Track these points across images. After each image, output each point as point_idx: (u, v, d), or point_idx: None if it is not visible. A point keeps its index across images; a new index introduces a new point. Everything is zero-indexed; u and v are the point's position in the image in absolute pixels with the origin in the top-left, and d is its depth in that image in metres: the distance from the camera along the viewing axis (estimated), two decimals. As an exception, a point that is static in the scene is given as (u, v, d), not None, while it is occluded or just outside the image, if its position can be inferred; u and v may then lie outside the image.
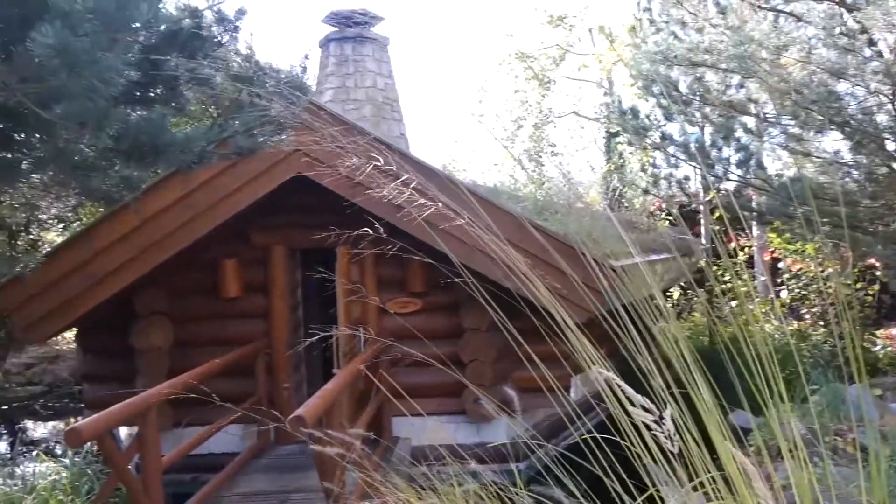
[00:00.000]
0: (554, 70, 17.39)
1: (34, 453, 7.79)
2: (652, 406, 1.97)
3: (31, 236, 14.02)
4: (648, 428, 1.92)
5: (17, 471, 6.05)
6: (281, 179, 6.52)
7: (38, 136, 2.44)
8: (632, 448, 2.22)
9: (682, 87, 6.85)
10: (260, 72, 3.31)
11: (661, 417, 1.90)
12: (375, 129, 8.84)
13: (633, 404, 2.02)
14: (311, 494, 5.40)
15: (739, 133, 6.79)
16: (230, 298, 7.25)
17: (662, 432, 1.91)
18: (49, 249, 7.47)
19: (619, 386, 2.08)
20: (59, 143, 2.35)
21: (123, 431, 7.50)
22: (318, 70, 9.69)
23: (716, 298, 9.21)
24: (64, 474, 5.35)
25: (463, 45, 39.12)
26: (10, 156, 2.53)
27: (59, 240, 12.48)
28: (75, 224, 14.31)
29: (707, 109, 7.13)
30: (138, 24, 2.16)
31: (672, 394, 2.20)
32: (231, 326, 7.29)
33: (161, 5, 2.81)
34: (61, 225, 13.97)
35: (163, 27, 2.43)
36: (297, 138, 5.92)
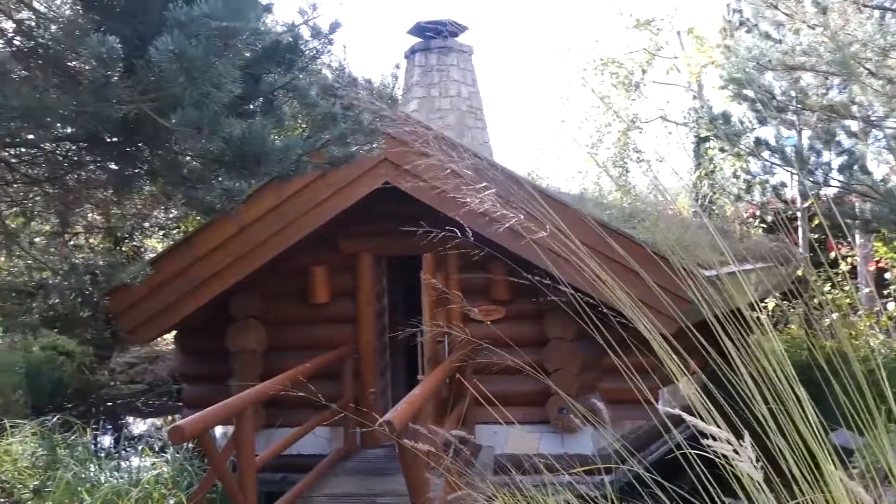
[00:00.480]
0: (640, 75, 17.07)
1: (139, 448, 8.21)
2: (730, 436, 1.89)
3: (135, 243, 14.88)
4: (725, 457, 1.85)
5: (123, 465, 6.40)
6: (369, 189, 6.68)
7: (152, 148, 2.61)
8: (725, 467, 2.15)
9: (777, 91, 6.59)
10: (352, 83, 3.41)
11: (741, 445, 1.82)
12: (459, 137, 8.92)
13: (706, 436, 1.95)
14: (397, 499, 5.47)
15: (841, 137, 6.47)
16: (319, 304, 7.46)
17: (742, 461, 1.83)
18: (153, 256, 7.89)
19: (690, 421, 2.00)
20: (171, 155, 2.51)
21: (218, 430, 7.82)
22: (403, 80, 9.86)
23: (815, 310, 8.77)
24: (165, 469, 5.63)
25: (547, 51, 38.93)
26: (126, 169, 2.71)
27: (160, 246, 13.19)
28: (175, 232, 15.09)
29: (805, 113, 6.83)
30: (247, 34, 2.29)
31: (770, 410, 2.11)
32: (320, 331, 7.50)
33: (261, 21, 2.94)
34: (162, 233, 14.77)
35: (265, 42, 2.55)
36: (386, 149, 6.05)
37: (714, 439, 1.83)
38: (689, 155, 14.32)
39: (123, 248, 13.71)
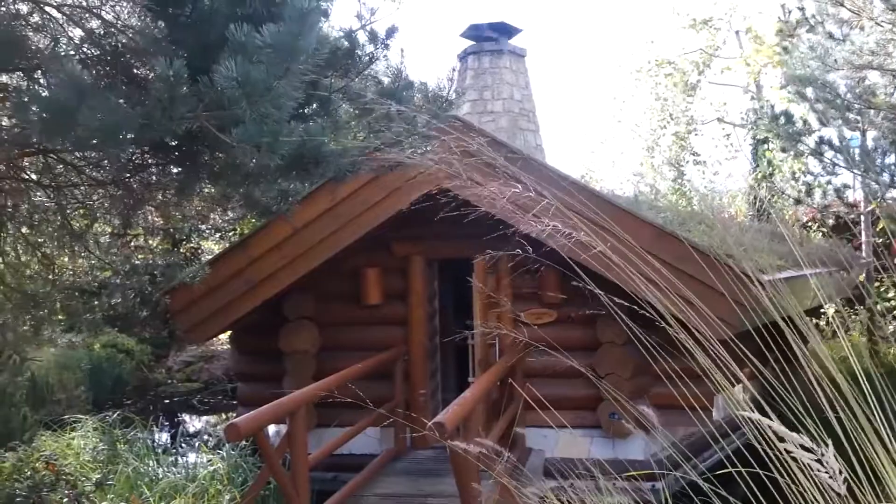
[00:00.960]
0: (697, 76, 16.74)
1: (196, 445, 8.42)
2: (810, 443, 1.82)
3: (192, 245, 15.27)
4: (801, 465, 1.78)
5: (180, 461, 6.56)
6: (421, 192, 6.70)
7: (213, 154, 2.68)
8: (783, 476, 2.07)
9: (842, 90, 6.37)
10: (408, 86, 3.43)
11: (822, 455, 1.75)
12: (512, 140, 8.89)
13: (781, 439, 1.89)
14: (447, 500, 5.47)
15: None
16: (371, 305, 7.52)
17: (826, 472, 1.76)
18: (210, 257, 8.07)
19: (770, 426, 1.94)
20: (231, 160, 2.57)
21: (271, 429, 7.97)
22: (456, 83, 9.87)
23: (879, 318, 8.46)
24: (221, 466, 5.75)
25: (601, 53, 38.53)
26: (188, 172, 2.80)
27: (217, 248, 13.50)
28: (231, 234, 15.44)
29: (871, 113, 6.59)
30: (306, 54, 2.33)
31: (828, 419, 2.04)
32: (372, 333, 7.56)
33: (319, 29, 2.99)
34: (218, 235, 15.13)
35: (323, 52, 2.60)
36: (440, 153, 6.07)
37: (803, 449, 1.76)
38: (747, 157, 13.98)
39: (181, 250, 14.11)
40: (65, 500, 3.38)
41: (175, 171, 3.09)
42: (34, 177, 3.77)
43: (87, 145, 2.39)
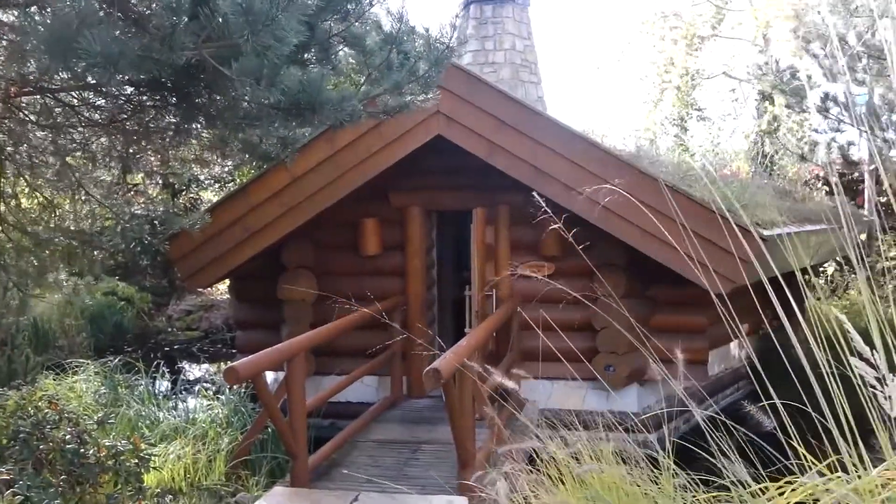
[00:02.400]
0: (705, 29, 16.40)
1: (196, 390, 8.54)
2: (878, 361, 1.85)
3: (192, 195, 15.22)
4: (865, 386, 1.82)
5: (180, 405, 6.66)
6: (421, 141, 6.66)
7: (210, 93, 2.65)
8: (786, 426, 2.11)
9: (852, 41, 6.24)
10: (410, 31, 3.37)
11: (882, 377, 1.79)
12: (513, 91, 8.77)
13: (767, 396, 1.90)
14: (441, 446, 5.57)
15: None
16: (369, 256, 7.54)
17: (883, 393, 1.80)
18: (210, 205, 8.05)
19: (847, 331, 1.97)
20: (229, 101, 2.54)
21: (269, 377, 8.07)
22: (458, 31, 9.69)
23: (879, 277, 8.48)
24: (220, 410, 5.84)
25: (606, 4, 37.76)
26: (185, 112, 2.76)
27: (216, 198, 13.44)
28: (230, 185, 15.37)
29: (878, 68, 6.49)
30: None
31: (831, 373, 2.07)
32: (369, 283, 7.58)
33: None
34: (217, 185, 15.07)
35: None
36: (441, 100, 6.00)
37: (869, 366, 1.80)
38: (752, 114, 13.83)
39: (181, 200, 14.07)
40: (67, 436, 3.44)
41: (173, 112, 3.05)
42: (32, 117, 3.73)
43: (86, 76, 2.35)
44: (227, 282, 9.69)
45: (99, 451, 3.42)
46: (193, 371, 12.67)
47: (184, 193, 14.78)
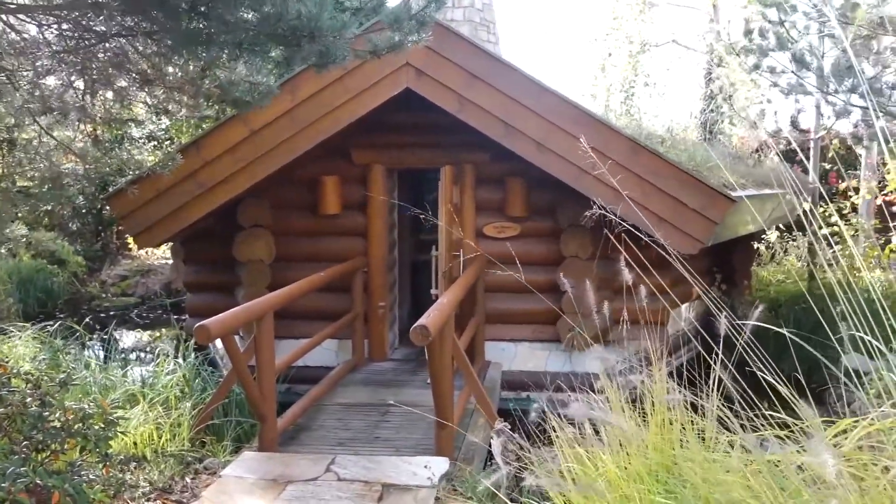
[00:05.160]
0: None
1: (137, 358, 8.14)
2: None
3: (123, 155, 14.46)
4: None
5: (130, 372, 6.28)
6: (389, 94, 6.39)
7: (210, 9, 2.36)
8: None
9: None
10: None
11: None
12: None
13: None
14: (408, 407, 5.43)
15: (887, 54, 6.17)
16: (329, 215, 7.27)
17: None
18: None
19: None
20: (230, 17, 2.27)
21: (219, 344, 7.74)
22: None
23: (817, 243, 8.73)
24: (179, 373, 5.54)
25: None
26: (177, 38, 2.47)
27: (152, 159, 12.79)
28: (166, 143, 14.65)
29: (837, 32, 6.57)
30: None
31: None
32: (329, 243, 7.35)
33: None
34: (152, 143, 14.36)
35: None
36: (410, 52, 5.75)
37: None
38: (700, 82, 14.01)
39: (111, 159, 13.31)
40: (28, 399, 3.14)
41: (153, 41, 2.74)
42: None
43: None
44: (170, 245, 9.23)
45: (66, 415, 3.14)
46: (131, 337, 12.15)
47: (113, 152, 14.00)
